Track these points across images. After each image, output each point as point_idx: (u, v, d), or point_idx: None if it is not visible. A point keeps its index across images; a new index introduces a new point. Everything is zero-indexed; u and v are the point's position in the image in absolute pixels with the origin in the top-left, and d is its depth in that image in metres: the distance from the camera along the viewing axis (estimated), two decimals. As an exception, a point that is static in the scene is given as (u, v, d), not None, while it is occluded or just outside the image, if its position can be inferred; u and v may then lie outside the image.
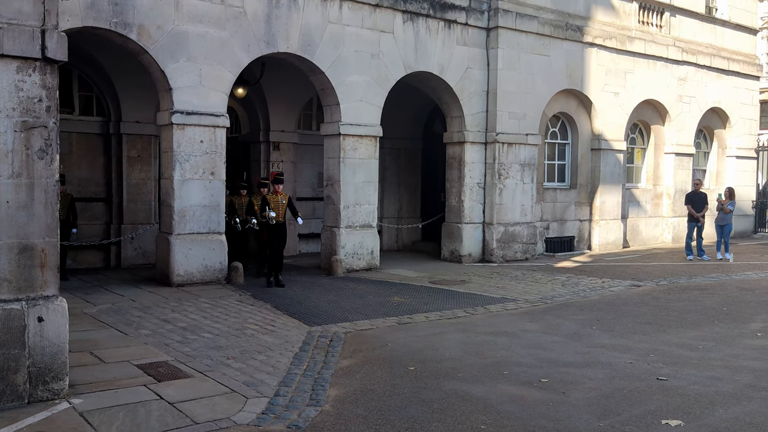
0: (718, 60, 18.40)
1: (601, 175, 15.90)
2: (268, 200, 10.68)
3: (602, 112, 15.76)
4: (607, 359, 6.51)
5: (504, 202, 14.09)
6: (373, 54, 12.36)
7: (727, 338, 7.43)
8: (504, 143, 14.00)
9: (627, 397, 5.36)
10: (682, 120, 17.67)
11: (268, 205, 10.60)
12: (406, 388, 5.57)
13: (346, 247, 12.26)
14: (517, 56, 14.11)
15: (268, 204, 10.62)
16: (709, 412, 4.97)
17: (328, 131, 12.43)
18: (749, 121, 19.74)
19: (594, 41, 15.40)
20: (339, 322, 8.18)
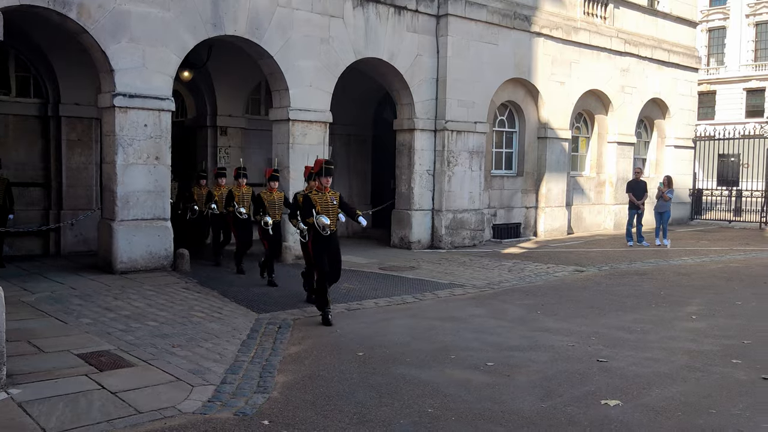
0: (659, 52, 18.93)
1: (547, 163, 16.21)
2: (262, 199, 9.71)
3: (549, 101, 16.04)
4: (551, 342, 6.67)
5: (453, 189, 14.23)
6: (322, 39, 12.25)
7: (664, 321, 7.71)
8: (453, 131, 14.11)
9: (569, 378, 5.51)
10: (624, 110, 18.15)
11: (263, 207, 9.72)
12: (354, 373, 5.59)
13: (295, 235, 12.14)
14: (466, 44, 14.21)
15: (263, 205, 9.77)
16: (646, 392, 5.16)
17: (277, 116, 12.28)
18: (687, 112, 20.41)
19: (541, 31, 15.63)
20: (288, 308, 8.14)
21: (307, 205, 7.52)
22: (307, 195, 7.68)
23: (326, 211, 7.51)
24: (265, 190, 9.97)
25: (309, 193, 7.75)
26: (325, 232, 7.46)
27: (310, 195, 7.61)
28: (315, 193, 7.64)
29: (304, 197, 7.74)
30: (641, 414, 4.69)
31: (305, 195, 7.72)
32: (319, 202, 7.53)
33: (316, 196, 7.59)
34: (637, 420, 4.58)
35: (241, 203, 10.75)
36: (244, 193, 10.87)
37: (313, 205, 7.45)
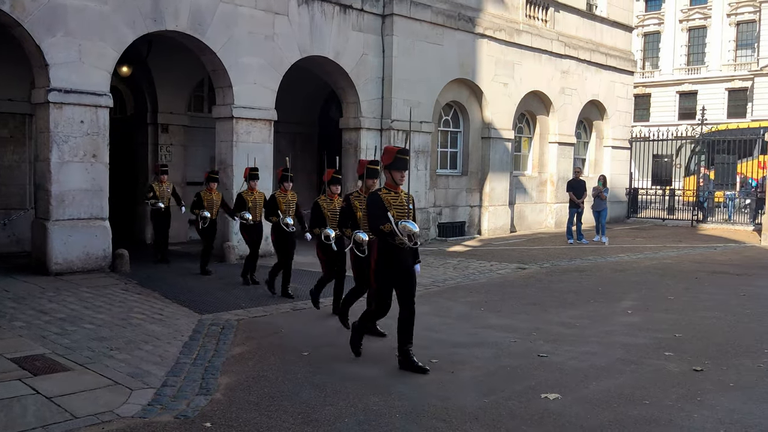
0: (597, 55, 19.50)
1: (491, 162, 16.48)
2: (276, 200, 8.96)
3: (492, 101, 16.30)
4: (494, 339, 6.79)
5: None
6: (267, 36, 12.12)
7: (602, 316, 7.95)
8: (399, 130, 14.19)
9: (511, 374, 5.63)
10: (565, 111, 18.61)
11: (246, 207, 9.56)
12: (299, 373, 5.56)
13: (239, 234, 11.98)
14: (411, 44, 14.30)
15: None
16: (584, 385, 5.31)
17: (220, 114, 12.10)
18: (624, 114, 21.09)
19: (485, 32, 15.87)
20: (232, 309, 8.03)
21: (379, 207, 5.52)
22: (378, 195, 5.71)
23: (403, 216, 5.57)
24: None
25: (379, 192, 5.68)
26: (405, 245, 5.58)
27: (381, 195, 5.59)
28: (386, 192, 5.63)
29: (348, 202, 6.63)
30: (579, 406, 4.83)
31: (376, 194, 5.64)
32: (393, 204, 5.55)
33: (389, 196, 5.60)
34: (575, 412, 4.71)
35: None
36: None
37: (387, 209, 5.51)
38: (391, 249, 5.58)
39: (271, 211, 8.88)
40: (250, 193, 9.77)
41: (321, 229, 7.62)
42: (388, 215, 5.48)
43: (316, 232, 7.64)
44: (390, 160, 5.73)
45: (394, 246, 5.55)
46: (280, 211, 8.79)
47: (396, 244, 5.53)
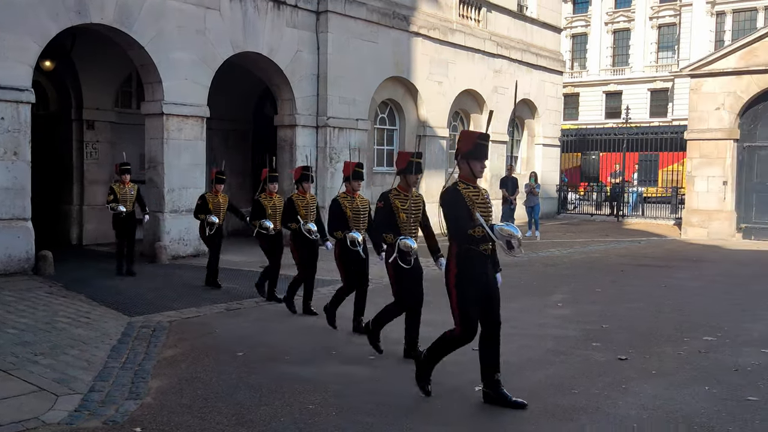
0: (528, 55, 19.98)
1: (427, 160, 16.63)
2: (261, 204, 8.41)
3: (427, 99, 16.47)
4: (432, 335, 6.80)
5: (335, 186, 14.23)
6: (198, 30, 11.87)
7: (535, 309, 8.16)
8: (335, 127, 14.16)
9: (447, 368, 5.67)
10: (497, 110, 18.96)
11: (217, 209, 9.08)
12: (233, 374, 5.48)
13: (171, 233, 11.73)
14: (346, 42, 14.28)
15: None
16: (517, 377, 5.44)
17: (149, 110, 11.77)
18: (554, 113, 21.70)
19: (419, 31, 16.02)
20: (163, 311, 7.82)
21: (462, 207, 4.65)
22: (389, 196, 5.71)
23: (487, 216, 4.72)
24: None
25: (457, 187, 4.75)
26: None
27: (461, 191, 4.70)
28: (464, 187, 4.73)
29: (386, 200, 5.77)
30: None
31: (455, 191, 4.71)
32: (476, 202, 4.69)
33: (470, 192, 4.73)
34: (508, 404, 4.82)
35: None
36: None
37: (471, 208, 4.64)
38: (474, 258, 4.62)
39: (290, 216, 7.77)
40: (269, 197, 8.53)
41: (344, 232, 6.64)
42: (478, 216, 4.54)
43: (338, 236, 6.66)
44: (469, 147, 4.73)
45: (477, 254, 4.63)
46: (299, 216, 7.71)
47: (480, 251, 4.62)
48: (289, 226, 7.78)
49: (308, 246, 7.74)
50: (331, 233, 6.78)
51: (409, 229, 5.76)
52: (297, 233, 7.70)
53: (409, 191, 5.77)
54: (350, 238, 6.61)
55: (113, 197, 10.01)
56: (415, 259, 5.81)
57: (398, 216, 5.74)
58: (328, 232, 6.90)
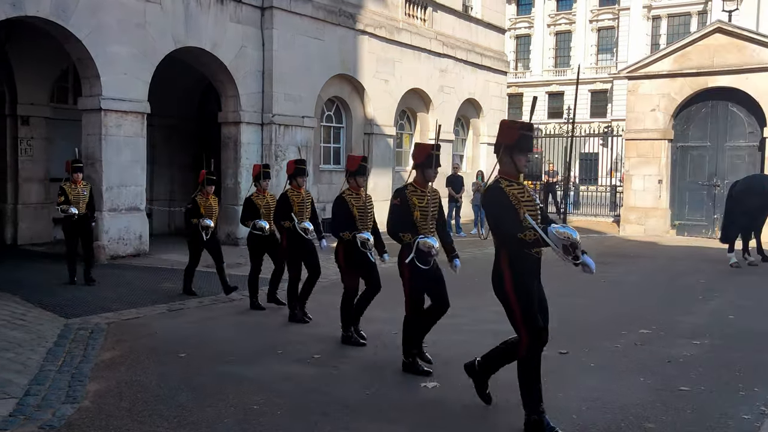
0: (473, 55, 20.24)
1: (373, 158, 16.65)
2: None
3: (374, 98, 16.50)
4: (377, 331, 6.88)
5: (281, 184, 14.10)
6: (138, 24, 11.56)
7: (476, 306, 8.25)
8: (280, 125, 14.03)
9: (392, 365, 5.73)
10: (443, 109, 19.17)
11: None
12: (175, 375, 5.37)
13: (110, 232, 11.40)
14: (292, 38, 14.17)
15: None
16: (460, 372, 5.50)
17: (87, 106, 11.41)
18: (499, 112, 22.04)
19: (366, 29, 16.02)
20: (101, 312, 7.60)
21: (506, 207, 4.19)
22: (405, 192, 5.35)
23: (535, 215, 4.28)
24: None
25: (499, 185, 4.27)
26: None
27: (504, 188, 4.22)
28: (507, 184, 4.25)
29: (402, 196, 5.32)
30: (456, 392, 5.01)
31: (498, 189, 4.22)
32: (522, 200, 4.23)
33: (514, 190, 4.27)
34: (452, 398, 4.89)
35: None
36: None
37: (518, 208, 4.19)
38: (528, 260, 4.23)
39: (284, 214, 7.32)
40: (261, 196, 8.09)
41: (352, 233, 6.19)
42: (527, 218, 4.06)
43: (346, 237, 6.18)
44: (513, 139, 4.24)
45: (530, 257, 4.23)
46: (293, 213, 7.29)
47: (532, 254, 4.23)
48: (282, 225, 7.33)
49: (303, 246, 7.31)
50: (337, 234, 6.24)
51: (427, 227, 5.35)
52: (291, 232, 7.28)
53: (426, 187, 5.40)
54: (360, 239, 6.12)
55: (64, 198, 9.08)
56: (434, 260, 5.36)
57: (414, 213, 5.32)
58: (333, 232, 6.33)
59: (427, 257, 5.29)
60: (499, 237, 4.22)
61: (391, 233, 5.42)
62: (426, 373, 5.35)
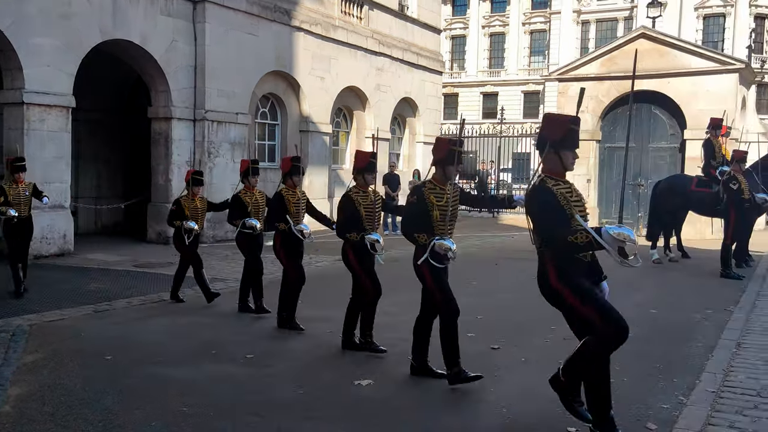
0: (409, 54, 20.39)
1: (310, 156, 16.56)
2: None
3: (309, 95, 16.39)
4: (310, 331, 6.85)
5: (215, 182, 13.87)
6: (62, 15, 11.12)
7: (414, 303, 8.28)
8: (214, 121, 13.77)
9: (326, 364, 5.72)
10: (380, 107, 19.25)
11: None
12: (101, 378, 5.19)
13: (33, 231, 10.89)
14: (225, 33, 13.92)
15: None
16: (395, 369, 5.55)
17: (8, 99, 10.90)
18: (434, 112, 22.30)
19: (301, 26, 15.90)
20: (23, 314, 7.28)
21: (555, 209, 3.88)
22: (422, 190, 5.01)
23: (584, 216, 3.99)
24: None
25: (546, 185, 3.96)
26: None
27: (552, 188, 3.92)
28: (554, 183, 3.97)
29: (419, 194, 5.00)
30: (389, 389, 5.05)
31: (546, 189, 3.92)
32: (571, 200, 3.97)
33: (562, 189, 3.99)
34: (385, 395, 4.92)
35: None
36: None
37: (568, 210, 3.90)
38: (576, 263, 3.89)
39: (278, 215, 6.86)
40: (249, 193, 7.66)
41: (359, 233, 5.82)
42: (579, 219, 3.81)
43: (353, 238, 5.82)
44: (560, 135, 3.96)
45: (579, 262, 3.90)
46: (288, 214, 6.84)
47: (580, 258, 3.89)
48: (277, 227, 6.84)
49: (297, 248, 6.97)
50: (343, 235, 5.89)
51: (445, 227, 5.00)
52: (285, 235, 6.85)
53: (446, 185, 5.03)
54: (369, 240, 5.78)
55: (4, 199, 8.23)
56: None
57: (432, 213, 4.97)
58: (339, 233, 5.96)
59: (443, 260, 5.02)
60: (546, 241, 3.85)
61: (405, 233, 5.12)
62: (476, 377, 4.99)
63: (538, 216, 3.88)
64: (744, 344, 6.32)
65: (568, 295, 3.82)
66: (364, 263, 5.96)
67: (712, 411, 4.58)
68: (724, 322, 7.18)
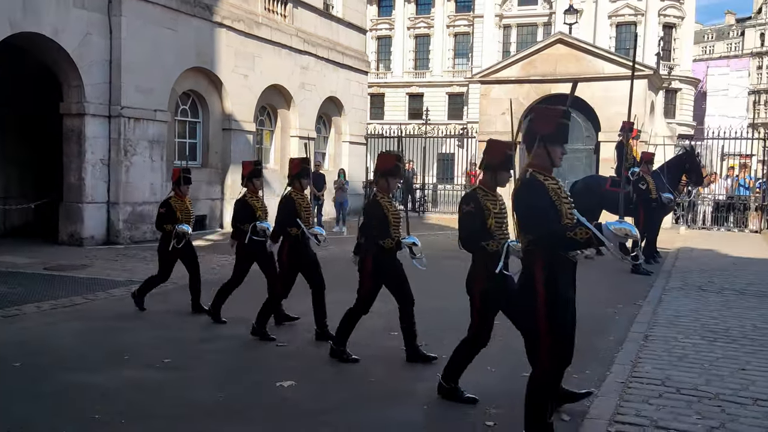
0: (334, 53, 20.35)
1: (233, 154, 16.27)
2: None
3: (232, 93, 16.10)
4: (232, 332, 6.73)
5: (132, 181, 13.42)
6: (-35, 4, 10.47)
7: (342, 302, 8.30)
8: (130, 118, 13.30)
9: (248, 366, 5.64)
10: (305, 106, 19.12)
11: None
12: (8, 387, 4.93)
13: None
14: (143, 27, 13.47)
15: None
16: (318, 369, 5.54)
17: None
18: (360, 111, 22.35)
19: (223, 22, 15.59)
20: None
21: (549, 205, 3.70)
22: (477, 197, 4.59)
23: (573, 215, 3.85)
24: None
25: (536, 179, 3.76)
26: None
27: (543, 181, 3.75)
28: (543, 178, 3.78)
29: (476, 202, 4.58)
30: (313, 389, 5.02)
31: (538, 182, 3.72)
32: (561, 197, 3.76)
33: (553, 185, 3.80)
34: (309, 395, 4.89)
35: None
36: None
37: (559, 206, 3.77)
38: (567, 269, 3.69)
39: (289, 218, 6.32)
40: (254, 196, 7.06)
41: (392, 240, 5.55)
42: (576, 215, 3.64)
43: (388, 245, 5.55)
44: (550, 129, 3.75)
45: (567, 264, 3.69)
46: (299, 219, 6.39)
47: (569, 259, 3.69)
48: (289, 232, 6.36)
49: (306, 257, 6.49)
50: (374, 242, 5.57)
51: (502, 235, 4.64)
52: (295, 241, 6.36)
53: (495, 191, 4.70)
54: (406, 244, 5.52)
55: None
56: None
57: (488, 221, 4.59)
58: (367, 240, 5.66)
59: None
60: (538, 239, 3.59)
61: (470, 244, 4.68)
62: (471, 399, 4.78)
63: (529, 213, 3.63)
64: (651, 337, 6.65)
65: (545, 331, 3.59)
66: (382, 273, 5.66)
67: (621, 401, 4.80)
68: (634, 316, 7.53)
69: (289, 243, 6.36)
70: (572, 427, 4.35)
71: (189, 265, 7.72)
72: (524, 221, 3.66)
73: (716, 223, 18.57)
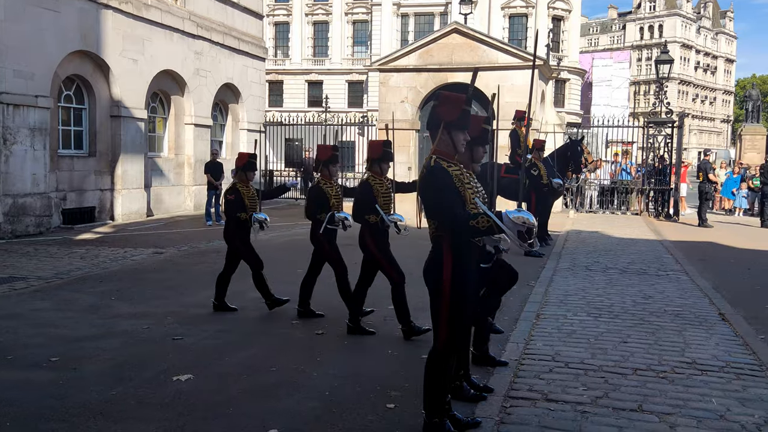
0: (230, 39, 19.82)
1: (123, 143, 15.55)
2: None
3: (121, 78, 15.35)
4: (125, 328, 6.47)
5: (12, 171, 12.55)
6: None
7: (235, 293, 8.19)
8: (10, 104, 12.43)
9: (142, 361, 5.43)
10: (200, 93, 18.54)
11: None
12: None
13: None
14: (22, 8, 12.58)
15: None
16: (216, 362, 5.42)
17: None
18: (258, 99, 21.94)
19: (109, 3, 14.82)
20: None
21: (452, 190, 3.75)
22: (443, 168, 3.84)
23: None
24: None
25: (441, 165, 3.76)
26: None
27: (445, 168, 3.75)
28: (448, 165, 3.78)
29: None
30: (211, 383, 4.91)
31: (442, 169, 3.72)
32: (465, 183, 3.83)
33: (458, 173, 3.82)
34: (207, 388, 4.78)
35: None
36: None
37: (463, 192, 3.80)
38: (472, 252, 3.81)
39: (368, 205, 6.13)
40: (328, 183, 6.70)
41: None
42: (478, 202, 3.77)
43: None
44: (455, 115, 3.77)
45: (473, 247, 3.80)
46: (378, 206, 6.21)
47: (475, 242, 3.78)
48: (367, 219, 6.21)
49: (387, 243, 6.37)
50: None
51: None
52: (375, 228, 6.25)
53: (470, 168, 4.54)
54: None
55: None
56: None
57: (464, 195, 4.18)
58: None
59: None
60: (444, 225, 3.69)
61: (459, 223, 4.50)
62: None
63: (435, 198, 3.69)
64: (542, 315, 6.99)
65: (446, 302, 3.70)
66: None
67: (515, 377, 5.02)
68: (527, 297, 7.87)
69: (369, 231, 6.22)
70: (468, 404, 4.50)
71: (250, 258, 7.41)
72: (431, 207, 3.74)
73: (602, 207, 19.72)
